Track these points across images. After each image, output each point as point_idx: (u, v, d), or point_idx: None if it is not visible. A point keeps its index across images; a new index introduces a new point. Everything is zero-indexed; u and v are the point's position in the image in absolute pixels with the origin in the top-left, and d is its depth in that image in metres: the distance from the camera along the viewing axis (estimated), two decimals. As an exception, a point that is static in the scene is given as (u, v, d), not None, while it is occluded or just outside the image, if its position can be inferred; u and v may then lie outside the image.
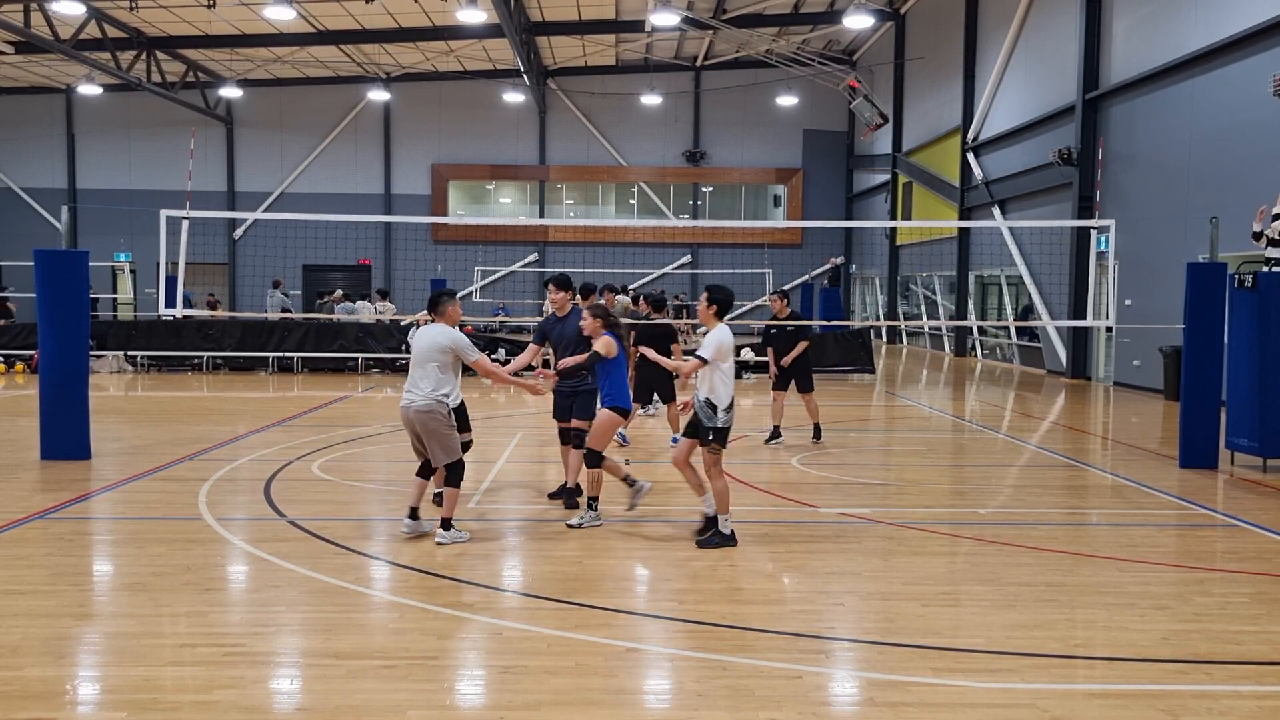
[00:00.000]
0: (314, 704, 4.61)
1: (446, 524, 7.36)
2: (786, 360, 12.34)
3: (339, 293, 24.61)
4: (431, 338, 7.39)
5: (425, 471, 7.59)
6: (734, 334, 7.55)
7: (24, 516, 8.04)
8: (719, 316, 7.50)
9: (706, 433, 7.41)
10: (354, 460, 11.09)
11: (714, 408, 7.34)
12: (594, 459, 7.94)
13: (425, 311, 7.96)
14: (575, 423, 8.48)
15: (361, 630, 5.55)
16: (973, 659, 5.22)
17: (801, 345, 12.41)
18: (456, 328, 7.62)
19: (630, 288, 24.00)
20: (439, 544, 7.24)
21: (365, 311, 22.91)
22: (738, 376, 20.98)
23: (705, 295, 7.57)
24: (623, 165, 39.65)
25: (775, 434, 12.29)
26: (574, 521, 7.95)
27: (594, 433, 8.03)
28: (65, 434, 10.53)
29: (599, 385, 8.23)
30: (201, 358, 21.76)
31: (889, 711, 4.54)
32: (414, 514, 7.53)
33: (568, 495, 8.61)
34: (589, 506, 7.98)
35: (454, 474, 7.41)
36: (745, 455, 11.63)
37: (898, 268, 34.55)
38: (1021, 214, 24.49)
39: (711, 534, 7.45)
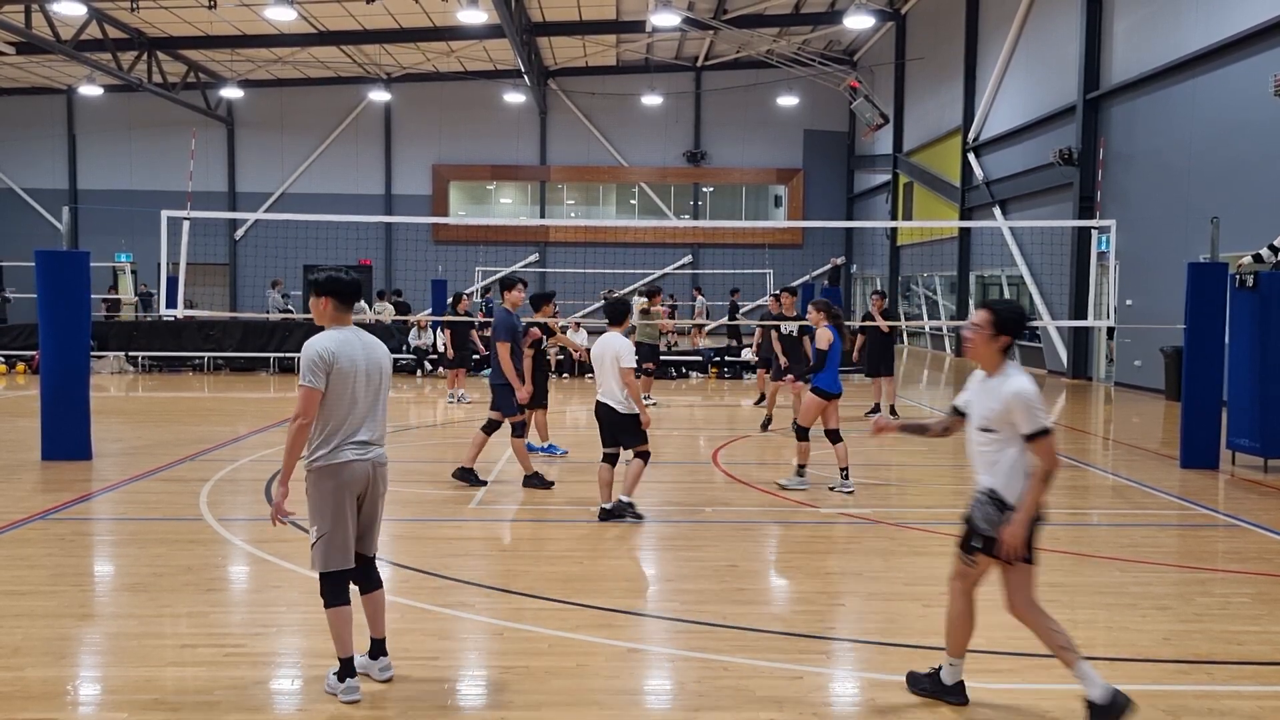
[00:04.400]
0: (314, 704, 4.61)
1: (372, 653, 4.94)
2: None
3: None
4: (384, 355, 4.95)
5: (360, 578, 4.92)
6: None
7: (25, 517, 8.04)
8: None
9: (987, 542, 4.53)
10: (355, 460, 11.07)
11: (1004, 505, 4.47)
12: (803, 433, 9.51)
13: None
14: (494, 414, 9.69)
15: (362, 630, 5.55)
16: (973, 659, 5.20)
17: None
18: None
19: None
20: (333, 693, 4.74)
21: (359, 312, 22.98)
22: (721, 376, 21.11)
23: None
24: (623, 165, 39.64)
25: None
26: (833, 487, 9.37)
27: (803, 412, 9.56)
28: (66, 434, 10.53)
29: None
30: (202, 358, 21.77)
31: (889, 711, 4.53)
32: (380, 648, 4.97)
33: (464, 474, 9.67)
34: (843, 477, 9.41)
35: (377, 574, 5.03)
36: (746, 455, 11.63)
37: (898, 268, 34.53)
38: (1022, 214, 24.48)
39: None
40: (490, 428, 9.70)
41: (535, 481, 9.49)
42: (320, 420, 4.75)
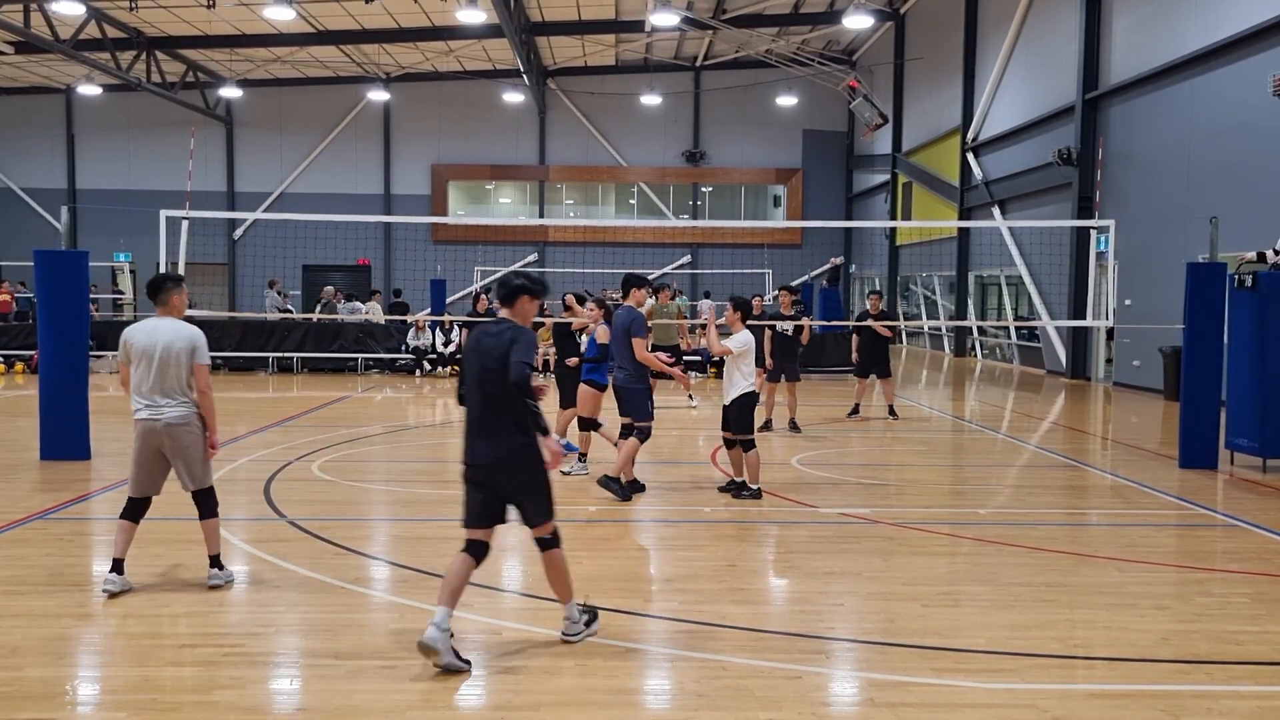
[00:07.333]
0: (314, 704, 4.61)
1: (218, 561, 6.36)
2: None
3: (330, 288, 24.52)
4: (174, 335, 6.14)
5: (137, 514, 6.33)
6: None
7: (24, 517, 8.03)
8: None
9: None
10: (354, 460, 11.09)
11: None
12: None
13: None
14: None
15: (361, 630, 5.55)
16: (973, 659, 5.22)
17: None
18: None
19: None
20: (212, 585, 6.22)
21: (358, 311, 23.01)
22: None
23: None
24: (622, 165, 39.63)
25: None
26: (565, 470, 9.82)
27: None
28: (65, 434, 10.51)
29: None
30: (201, 358, 21.74)
31: (889, 712, 4.54)
32: (119, 567, 6.14)
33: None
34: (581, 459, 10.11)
35: (211, 501, 6.46)
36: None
37: (898, 268, 34.55)
38: (1021, 214, 24.49)
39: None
40: (630, 432, 9.18)
41: (614, 486, 8.86)
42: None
